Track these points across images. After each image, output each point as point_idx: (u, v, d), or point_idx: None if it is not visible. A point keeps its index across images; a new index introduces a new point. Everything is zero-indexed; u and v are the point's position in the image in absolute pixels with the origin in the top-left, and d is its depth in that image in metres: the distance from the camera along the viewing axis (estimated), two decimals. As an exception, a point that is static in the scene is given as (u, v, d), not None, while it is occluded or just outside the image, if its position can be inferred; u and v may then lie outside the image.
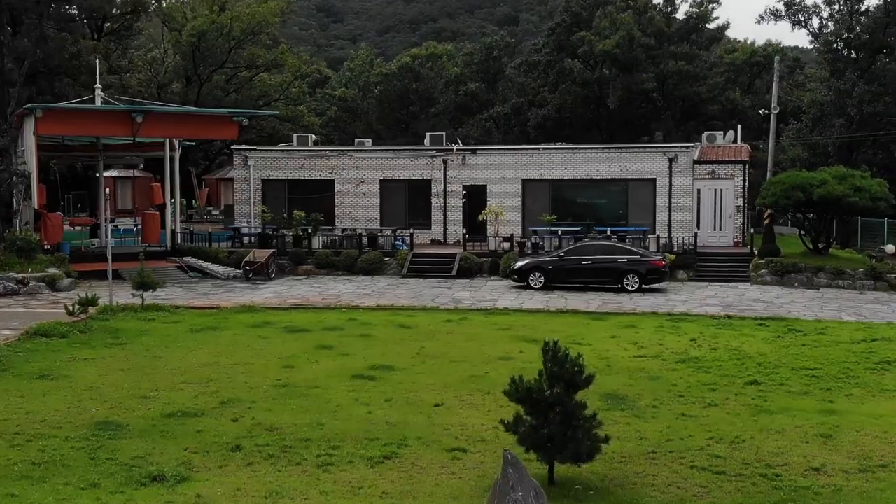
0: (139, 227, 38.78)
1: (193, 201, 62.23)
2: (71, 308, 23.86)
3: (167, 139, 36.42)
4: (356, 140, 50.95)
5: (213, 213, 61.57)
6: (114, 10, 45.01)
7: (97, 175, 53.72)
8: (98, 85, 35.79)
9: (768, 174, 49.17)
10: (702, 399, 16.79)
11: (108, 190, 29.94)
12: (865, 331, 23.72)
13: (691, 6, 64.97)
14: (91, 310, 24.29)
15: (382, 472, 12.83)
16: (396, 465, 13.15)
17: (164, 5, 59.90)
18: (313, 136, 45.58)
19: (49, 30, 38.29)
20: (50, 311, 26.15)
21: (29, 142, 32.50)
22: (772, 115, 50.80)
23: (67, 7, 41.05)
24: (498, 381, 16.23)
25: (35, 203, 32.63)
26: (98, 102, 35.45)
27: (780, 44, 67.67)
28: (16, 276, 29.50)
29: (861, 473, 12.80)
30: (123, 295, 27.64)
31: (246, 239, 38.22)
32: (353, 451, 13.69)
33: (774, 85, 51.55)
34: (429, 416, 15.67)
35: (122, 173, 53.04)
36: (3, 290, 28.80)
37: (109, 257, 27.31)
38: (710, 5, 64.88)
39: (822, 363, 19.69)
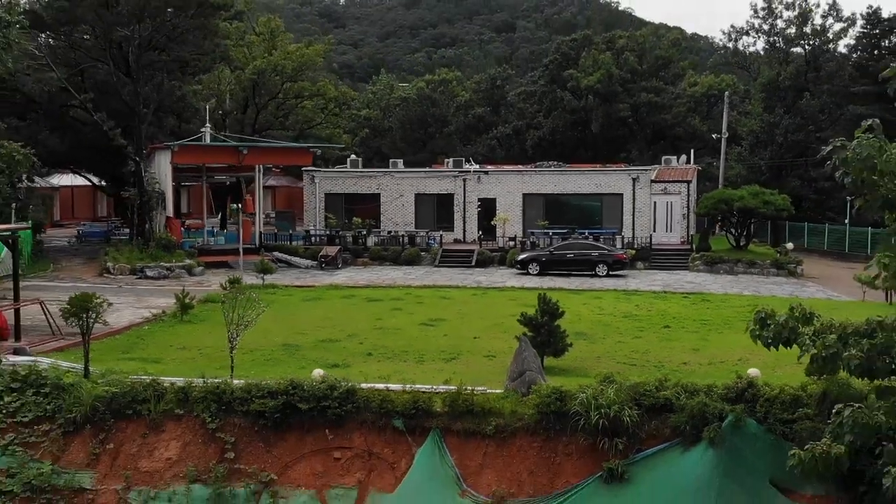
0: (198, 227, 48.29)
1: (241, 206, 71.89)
2: (224, 285, 33.44)
3: (258, 165, 46.04)
4: (390, 161, 60.56)
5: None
6: (198, 57, 53.97)
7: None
8: (208, 124, 45.46)
9: (720, 185, 58.67)
10: (632, 335, 26.43)
11: (240, 203, 39.48)
12: (753, 300, 33.26)
13: (659, 49, 74.52)
14: (234, 286, 33.80)
15: (451, 365, 22.40)
16: (458, 362, 22.74)
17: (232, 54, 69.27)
18: (359, 158, 55.02)
19: (164, 79, 47.71)
20: (199, 288, 35.72)
21: (165, 168, 42.17)
22: (723, 139, 60.28)
23: (168, 59, 49.80)
24: (510, 327, 25.51)
25: (170, 212, 42.28)
26: (207, 138, 45.07)
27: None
28: (165, 265, 39.11)
29: (708, 365, 22.36)
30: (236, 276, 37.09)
31: (314, 238, 47.69)
32: (433, 356, 23.31)
33: (725, 115, 60.98)
34: (471, 342, 25.29)
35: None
36: (158, 275, 38.45)
37: (241, 250, 36.93)
38: (673, 49, 74.55)
39: (713, 318, 29.29)
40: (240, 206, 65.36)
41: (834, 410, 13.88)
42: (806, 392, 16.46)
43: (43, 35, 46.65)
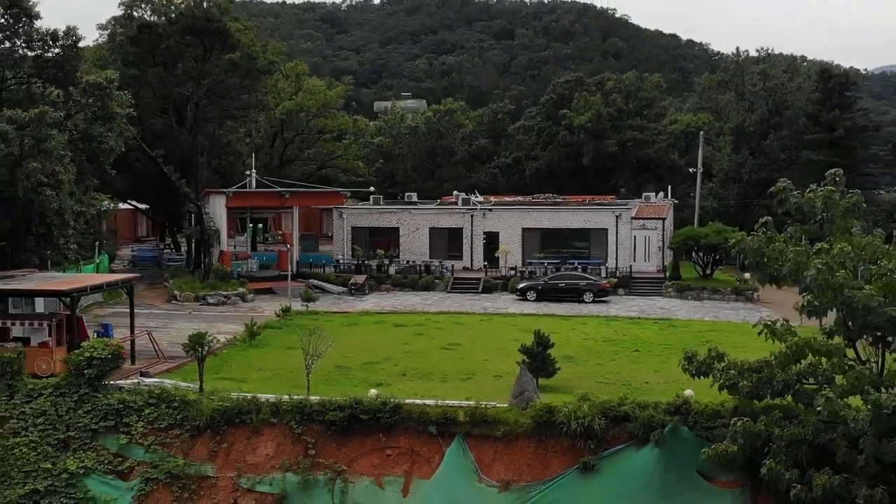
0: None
1: (266, 228, 77.64)
2: (278, 312, 39.24)
3: (295, 206, 51.99)
4: (406, 194, 66.59)
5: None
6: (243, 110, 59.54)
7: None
8: (253, 169, 51.33)
9: (696, 216, 64.39)
10: (609, 357, 32.18)
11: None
12: (711, 325, 39.08)
13: (642, 92, 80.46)
14: (286, 315, 39.59)
15: (468, 384, 28.08)
16: (472, 381, 28.45)
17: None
18: (380, 196, 60.70)
19: (214, 129, 53.50)
20: (254, 314, 41.31)
21: (220, 209, 48.01)
22: (698, 174, 65.94)
23: (218, 113, 54.95)
24: (513, 351, 30.88)
25: (224, 247, 48.11)
26: (253, 182, 50.96)
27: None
28: (223, 293, 44.85)
29: (664, 384, 28.00)
30: (286, 304, 42.71)
31: (342, 267, 53.34)
32: (453, 376, 29.04)
33: (699, 152, 66.54)
34: (482, 364, 31.02)
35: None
36: (218, 302, 44.19)
37: (290, 278, 42.64)
38: (656, 90, 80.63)
39: (676, 342, 34.89)
40: (270, 229, 71.29)
41: (731, 422, 19.71)
42: (724, 407, 22.18)
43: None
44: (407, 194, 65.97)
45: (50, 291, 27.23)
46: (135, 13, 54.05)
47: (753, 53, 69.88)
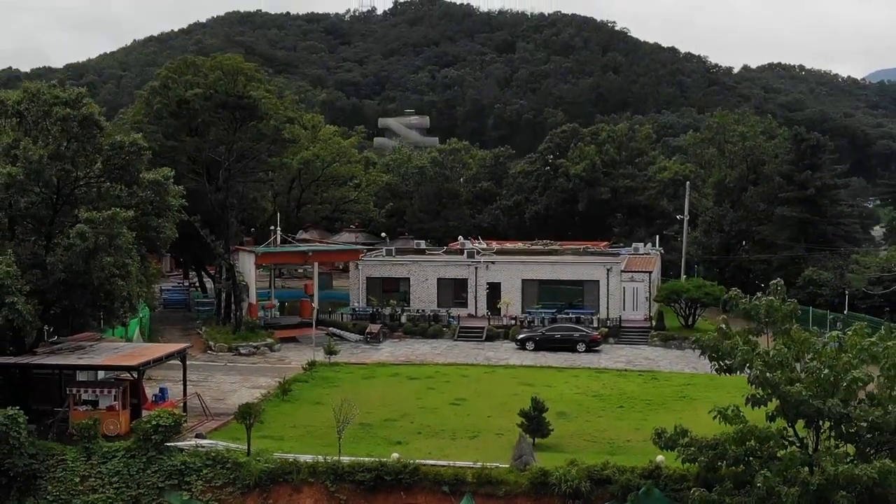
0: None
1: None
2: (306, 366, 42.96)
3: (316, 262, 55.96)
4: (414, 242, 70.38)
5: (299, 270, 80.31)
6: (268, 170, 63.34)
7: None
8: (278, 226, 55.25)
9: (682, 262, 68.08)
10: (596, 414, 35.82)
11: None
12: (690, 378, 42.66)
13: (635, 142, 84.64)
14: (312, 368, 43.32)
15: (474, 441, 31.71)
16: (478, 439, 32.07)
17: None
18: (392, 247, 64.59)
19: (242, 189, 57.45)
20: (283, 365, 45.10)
21: (249, 266, 51.91)
22: (684, 221, 69.71)
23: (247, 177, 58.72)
24: (513, 407, 34.49)
25: (253, 300, 51.96)
26: (278, 239, 54.89)
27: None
28: (253, 344, 48.60)
29: (643, 442, 31.52)
30: (309, 354, 46.34)
31: (358, 314, 57.06)
32: (461, 434, 32.68)
33: (686, 202, 70.29)
34: (486, 421, 34.67)
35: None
36: (249, 353, 47.92)
37: (314, 325, 46.36)
38: (646, 141, 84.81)
39: (657, 396, 38.62)
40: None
41: (691, 491, 23.42)
42: (689, 472, 25.89)
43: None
44: (416, 242, 69.79)
45: (121, 367, 31.02)
46: (170, 83, 57.98)
47: (753, 66, 73.59)
